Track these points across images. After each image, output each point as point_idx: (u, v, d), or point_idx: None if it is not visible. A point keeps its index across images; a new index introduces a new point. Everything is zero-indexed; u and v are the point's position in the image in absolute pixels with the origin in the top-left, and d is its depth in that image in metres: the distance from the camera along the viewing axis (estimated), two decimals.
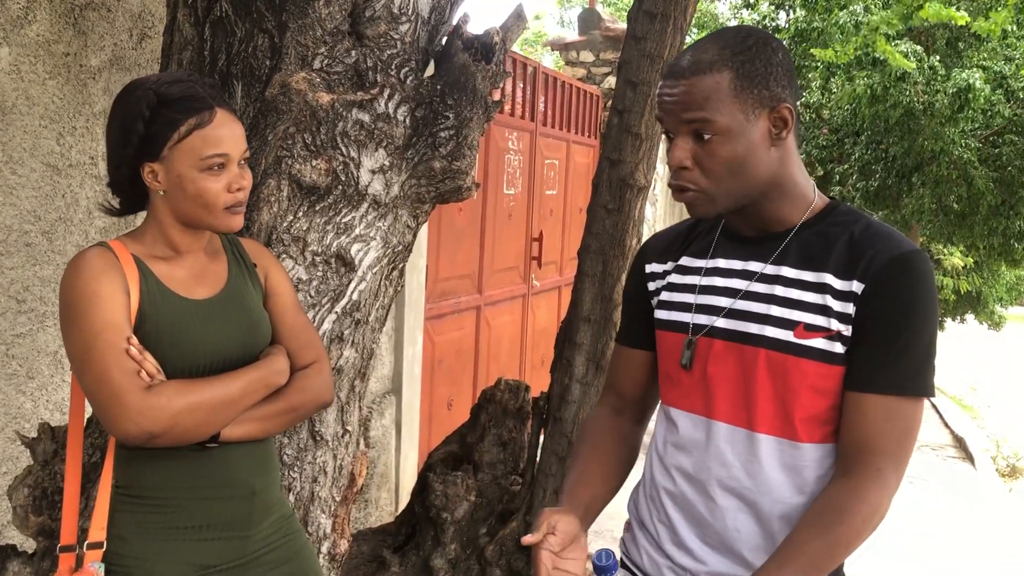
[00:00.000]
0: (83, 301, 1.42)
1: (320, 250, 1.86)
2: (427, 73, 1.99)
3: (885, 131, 10.10)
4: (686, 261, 1.53)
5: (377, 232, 1.91)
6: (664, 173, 7.46)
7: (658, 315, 1.55)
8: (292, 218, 1.84)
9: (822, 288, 1.34)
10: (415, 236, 2.03)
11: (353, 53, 1.86)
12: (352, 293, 1.91)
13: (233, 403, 1.50)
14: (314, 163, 1.82)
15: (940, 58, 9.27)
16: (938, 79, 8.94)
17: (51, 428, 1.93)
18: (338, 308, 1.90)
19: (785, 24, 10.86)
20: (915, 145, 9.77)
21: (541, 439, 3.00)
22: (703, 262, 1.50)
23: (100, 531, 1.51)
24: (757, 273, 1.41)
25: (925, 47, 9.52)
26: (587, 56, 8.29)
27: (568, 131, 6.84)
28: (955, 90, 8.73)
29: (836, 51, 8.02)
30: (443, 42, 2.03)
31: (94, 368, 1.41)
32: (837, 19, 8.67)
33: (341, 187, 1.85)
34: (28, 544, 1.97)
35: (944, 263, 12.62)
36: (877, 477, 1.30)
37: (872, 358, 1.30)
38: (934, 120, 9.16)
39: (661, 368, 1.55)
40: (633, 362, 1.63)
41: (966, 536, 5.85)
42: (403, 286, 4.20)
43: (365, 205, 1.88)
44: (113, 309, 1.43)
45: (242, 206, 1.53)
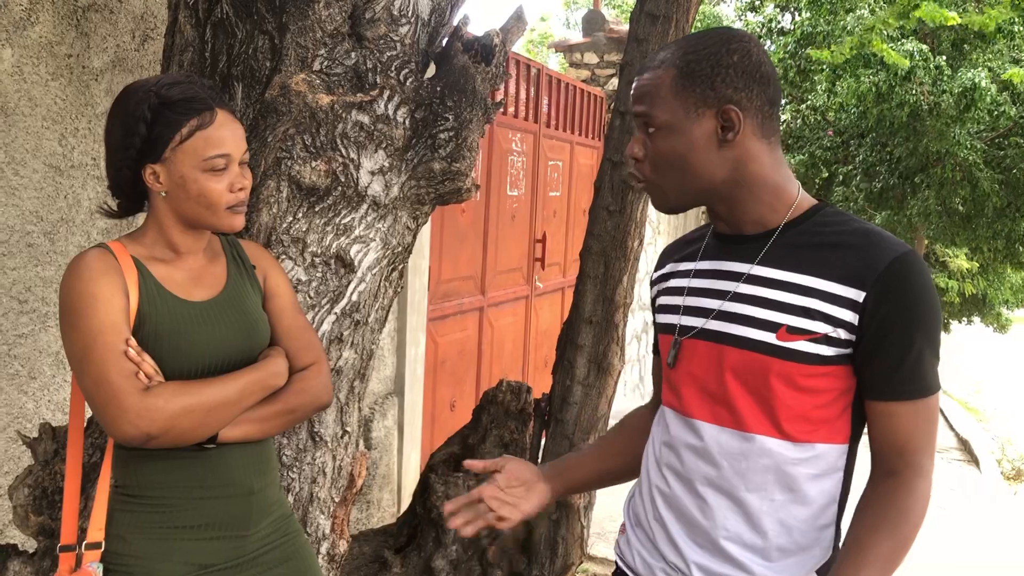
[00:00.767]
0: (82, 303, 1.43)
1: (319, 251, 1.86)
2: (427, 75, 2.00)
3: (890, 132, 10.08)
4: (679, 266, 1.56)
5: (377, 233, 1.92)
6: None
7: (657, 320, 1.59)
8: (291, 219, 1.84)
9: (806, 291, 1.34)
10: (415, 237, 2.03)
11: (353, 55, 1.86)
12: (351, 294, 1.91)
13: (231, 405, 1.50)
14: (314, 164, 1.83)
15: (945, 59, 9.25)
16: (944, 79, 8.91)
17: (52, 428, 1.93)
18: (337, 309, 1.90)
19: (790, 27, 10.85)
20: (920, 146, 9.75)
21: (543, 441, 3.00)
22: (691, 264, 1.53)
23: (98, 531, 1.51)
24: (744, 275, 1.41)
25: (931, 48, 9.50)
26: (591, 58, 8.29)
27: (572, 133, 6.84)
28: (961, 89, 8.71)
29: (832, 51, 8.01)
30: (443, 44, 2.03)
31: (92, 369, 1.41)
32: (844, 22, 8.67)
33: (341, 188, 1.86)
34: (29, 544, 1.97)
35: (950, 265, 12.58)
36: (919, 472, 1.33)
37: (895, 369, 1.31)
38: (940, 120, 9.13)
39: (662, 371, 1.57)
40: (658, 368, 1.69)
41: (971, 539, 5.83)
42: (405, 287, 4.21)
43: (365, 206, 1.88)
44: (112, 311, 1.43)
45: (243, 206, 1.55)
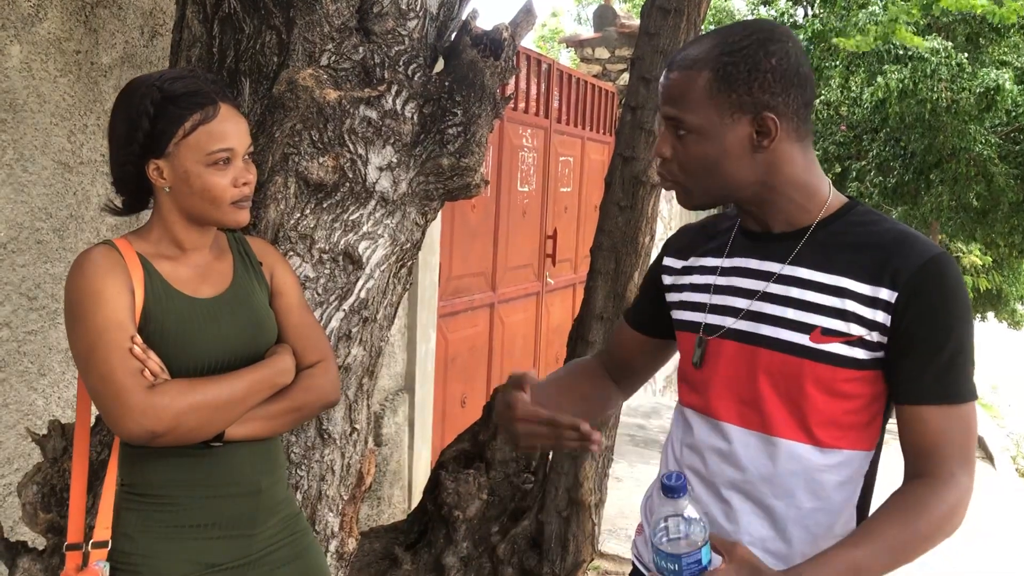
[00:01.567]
0: (87, 300, 1.42)
1: (327, 248, 1.85)
2: (436, 70, 1.98)
3: (905, 128, 10.02)
4: (704, 261, 1.51)
5: (385, 229, 1.90)
6: None
7: (676, 316, 1.54)
8: (299, 215, 1.83)
9: (840, 292, 1.31)
10: (423, 233, 2.02)
11: (361, 49, 1.85)
12: (360, 291, 1.90)
13: (237, 402, 1.49)
14: (321, 160, 1.81)
15: (966, 55, 9.19)
16: (964, 76, 8.85)
17: (61, 425, 1.93)
18: (346, 306, 1.89)
19: (803, 21, 10.79)
20: (936, 142, 9.68)
21: None
22: (719, 261, 1.48)
23: (105, 530, 1.50)
24: (775, 274, 1.38)
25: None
26: (602, 53, 8.27)
27: (583, 128, 6.81)
28: (982, 89, 8.64)
29: (857, 41, 7.96)
30: (452, 38, 2.01)
31: (98, 367, 1.40)
32: (856, 19, 8.62)
33: (348, 184, 1.84)
34: (39, 541, 1.97)
35: (963, 261, 12.51)
36: (951, 480, 1.29)
37: (923, 371, 1.29)
38: (958, 118, 9.07)
39: (679, 369, 1.54)
40: (626, 337, 1.67)
41: (985, 537, 5.79)
42: (416, 283, 4.20)
43: (373, 202, 1.87)
44: (117, 308, 1.42)
45: (248, 200, 1.54)
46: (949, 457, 1.29)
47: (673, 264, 1.58)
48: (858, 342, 1.30)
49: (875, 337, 1.30)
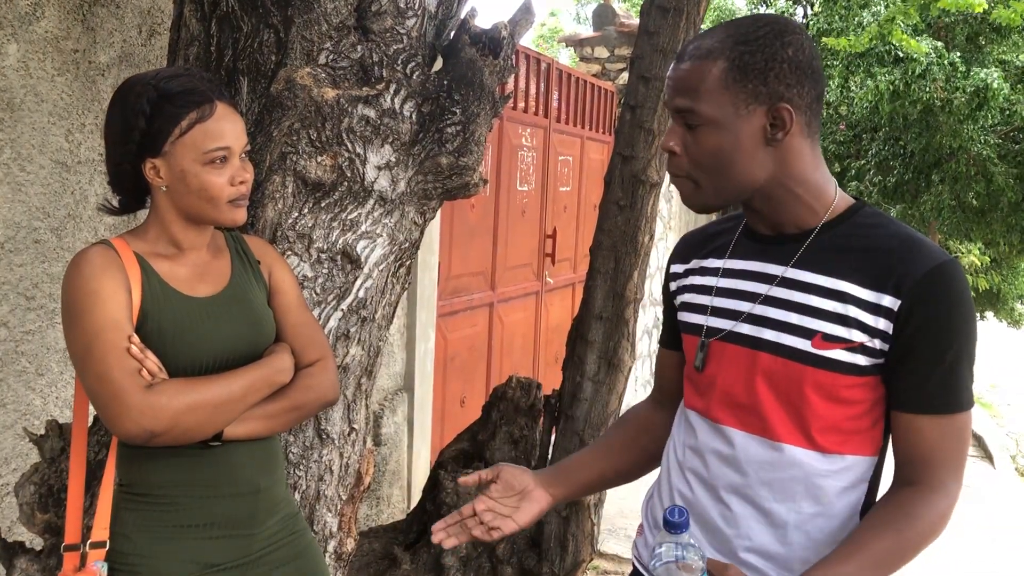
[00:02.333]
0: (84, 300, 1.41)
1: (326, 247, 1.84)
2: (434, 68, 1.97)
3: (904, 127, 10.02)
4: (706, 262, 1.50)
5: (383, 229, 1.90)
6: None
7: (680, 318, 1.53)
8: (297, 215, 1.82)
9: (842, 297, 1.29)
10: (422, 233, 2.01)
11: (359, 48, 1.84)
12: (358, 290, 1.90)
13: (235, 402, 1.49)
14: (319, 159, 1.81)
15: (960, 53, 9.18)
16: (958, 75, 8.85)
17: (59, 425, 1.92)
18: (344, 305, 1.89)
19: (803, 20, 10.79)
20: (933, 141, 9.68)
21: (553, 437, 2.98)
22: (720, 262, 1.46)
23: (103, 530, 1.50)
24: (777, 277, 1.36)
25: (945, 43, 9.43)
26: (602, 52, 8.26)
27: (582, 127, 6.81)
28: (973, 89, 8.64)
29: (850, 40, 7.95)
30: (450, 37, 2.01)
31: (95, 367, 1.40)
32: (859, 18, 8.61)
33: (347, 183, 1.84)
34: (37, 541, 1.97)
35: (962, 260, 12.51)
36: (940, 488, 1.29)
37: (923, 381, 1.27)
38: (952, 117, 9.07)
39: (685, 372, 1.53)
40: (667, 362, 1.64)
41: (984, 536, 5.79)
42: (415, 283, 4.20)
43: (371, 201, 1.87)
44: (114, 308, 1.42)
45: (245, 199, 1.53)
46: (941, 466, 1.28)
47: (677, 270, 1.57)
48: (859, 348, 1.28)
49: (877, 344, 1.28)
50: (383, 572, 2.75)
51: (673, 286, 1.57)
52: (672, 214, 8.55)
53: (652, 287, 7.30)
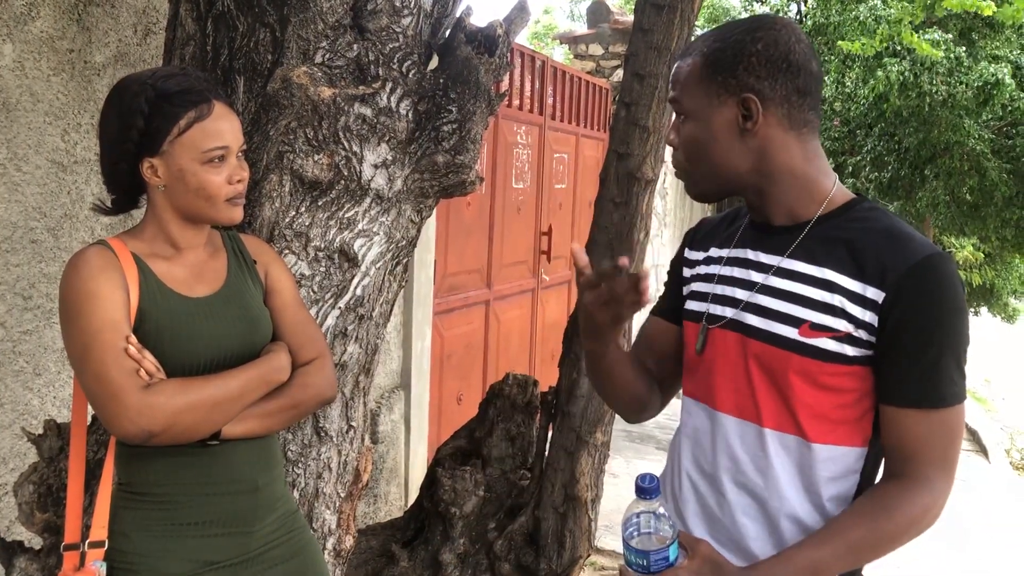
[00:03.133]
0: (82, 300, 1.42)
1: (323, 245, 1.85)
2: (430, 67, 1.98)
3: (900, 123, 10.03)
4: (713, 251, 1.53)
5: (380, 227, 1.90)
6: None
7: (686, 306, 1.54)
8: (294, 213, 1.83)
9: (830, 286, 1.32)
10: (419, 231, 2.02)
11: (355, 47, 1.85)
12: (355, 288, 1.90)
13: (233, 401, 1.49)
14: (316, 158, 1.81)
15: (964, 49, 9.18)
16: (962, 69, 8.84)
17: (57, 425, 1.93)
18: (341, 304, 1.89)
19: (798, 17, 10.80)
20: (930, 136, 9.70)
21: (550, 434, 2.99)
22: (724, 251, 1.50)
23: (101, 530, 1.50)
24: (773, 267, 1.39)
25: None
26: (596, 49, 8.27)
27: (577, 125, 6.81)
28: (980, 83, 8.64)
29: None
30: (446, 35, 2.01)
31: (93, 367, 1.40)
32: (856, 13, 8.61)
33: (343, 182, 1.84)
34: (36, 541, 1.97)
35: (956, 256, 12.54)
36: (926, 483, 1.29)
37: (906, 373, 1.28)
38: (953, 111, 9.07)
39: (684, 359, 1.55)
40: (656, 329, 1.62)
41: (979, 530, 5.81)
42: (411, 281, 4.20)
43: (368, 200, 1.87)
44: (112, 308, 1.42)
45: (242, 198, 1.54)
46: (927, 460, 1.29)
47: (694, 256, 1.58)
48: (846, 338, 1.30)
49: (863, 335, 1.29)
50: (381, 569, 2.76)
51: (687, 272, 1.59)
52: (667, 211, 8.56)
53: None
